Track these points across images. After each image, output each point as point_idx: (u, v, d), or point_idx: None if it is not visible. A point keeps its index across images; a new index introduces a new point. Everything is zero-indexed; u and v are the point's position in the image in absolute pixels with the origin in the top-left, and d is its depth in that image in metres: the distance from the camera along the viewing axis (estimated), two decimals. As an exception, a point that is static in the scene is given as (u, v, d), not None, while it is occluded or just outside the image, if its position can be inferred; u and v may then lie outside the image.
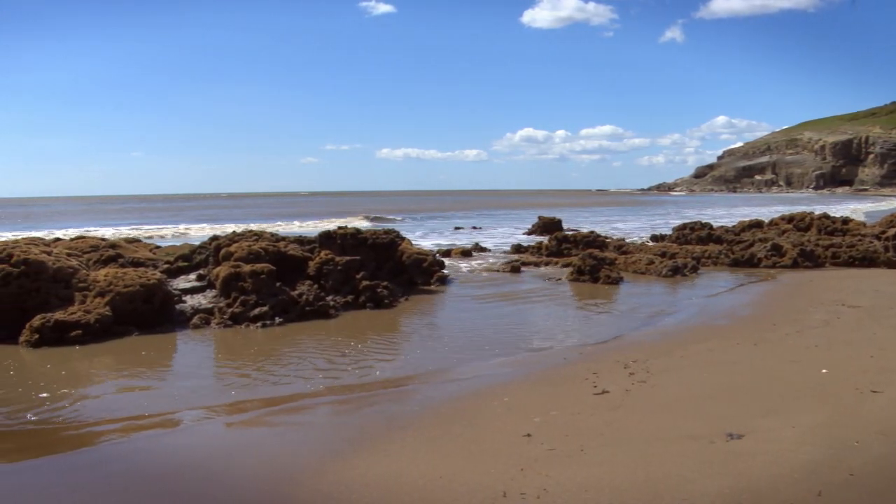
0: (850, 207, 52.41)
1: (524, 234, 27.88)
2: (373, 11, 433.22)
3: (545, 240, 20.90)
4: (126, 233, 28.27)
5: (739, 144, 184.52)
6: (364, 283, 11.88)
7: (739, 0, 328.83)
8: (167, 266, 12.60)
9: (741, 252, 17.38)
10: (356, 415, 6.18)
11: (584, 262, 14.75)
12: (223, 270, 10.88)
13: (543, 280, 15.04)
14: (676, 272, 15.28)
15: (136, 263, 12.08)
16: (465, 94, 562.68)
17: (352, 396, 6.73)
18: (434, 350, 8.72)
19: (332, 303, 11.22)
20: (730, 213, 47.11)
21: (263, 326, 10.01)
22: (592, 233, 20.46)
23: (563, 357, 8.10)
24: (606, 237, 20.68)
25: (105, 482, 4.77)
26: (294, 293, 10.88)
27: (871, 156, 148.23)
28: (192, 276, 12.20)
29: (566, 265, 16.50)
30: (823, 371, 6.98)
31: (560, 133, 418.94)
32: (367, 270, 12.58)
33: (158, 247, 15.55)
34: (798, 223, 21.26)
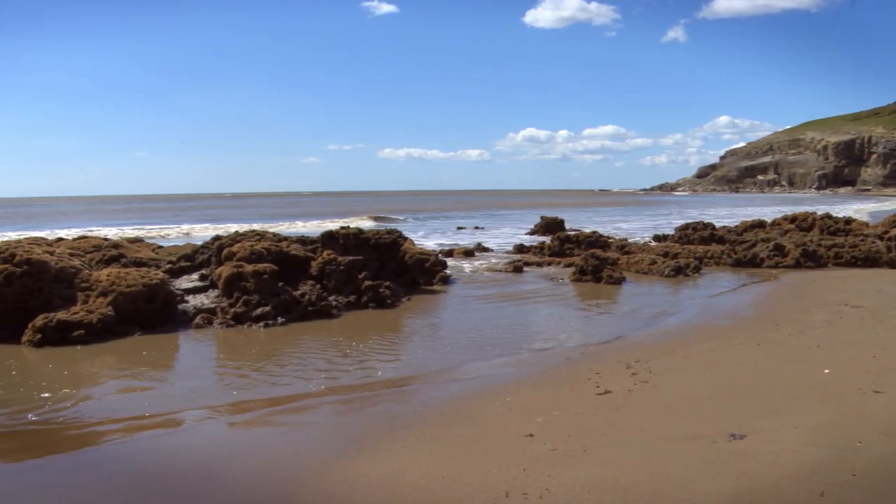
0: (854, 207, 52.34)
1: (527, 234, 27.89)
2: (375, 11, 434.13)
3: (548, 240, 20.90)
4: (128, 233, 28.28)
5: (742, 144, 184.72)
6: (366, 283, 11.88)
7: (742, 0, 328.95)
8: (170, 266, 12.63)
9: (744, 252, 17.35)
10: (359, 415, 6.19)
11: (587, 263, 14.75)
12: (225, 270, 10.89)
13: (546, 280, 15.04)
14: (679, 272, 15.26)
15: (139, 263, 12.09)
16: (468, 94, 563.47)
17: (354, 396, 6.73)
18: (436, 350, 8.72)
19: (335, 303, 11.23)
20: (732, 214, 47.04)
21: (266, 326, 10.02)
22: (595, 233, 20.45)
23: (566, 357, 8.09)
24: (609, 237, 20.66)
25: (107, 482, 4.78)
26: (296, 293, 10.89)
27: (874, 156, 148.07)
28: (195, 276, 12.22)
29: (569, 265, 16.49)
30: (826, 371, 6.97)
31: (562, 133, 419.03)
32: (370, 270, 12.58)
33: (161, 247, 15.59)
34: (801, 223, 21.26)
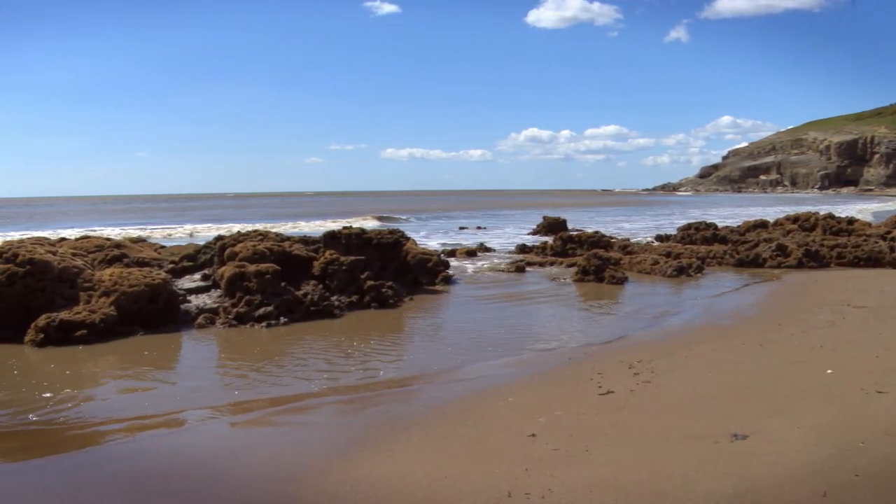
0: (857, 207, 52.26)
1: (529, 234, 27.87)
2: (377, 11, 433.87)
3: (550, 240, 20.87)
4: (131, 233, 28.31)
5: (744, 144, 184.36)
6: (369, 283, 11.89)
7: (744, 0, 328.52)
8: (172, 266, 12.64)
9: (746, 252, 17.33)
10: (361, 415, 6.18)
11: (589, 262, 14.74)
12: (228, 270, 10.90)
13: (548, 280, 15.03)
14: (681, 272, 15.25)
15: (141, 263, 12.11)
16: (470, 94, 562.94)
17: (356, 396, 6.73)
18: (439, 350, 8.72)
19: (337, 303, 11.23)
20: (735, 214, 46.97)
21: (268, 326, 10.03)
22: (597, 233, 20.42)
23: (568, 357, 8.09)
24: (611, 237, 20.64)
25: (109, 482, 4.78)
26: (299, 293, 10.89)
27: (877, 156, 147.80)
28: (197, 276, 12.23)
29: (571, 265, 16.47)
30: (829, 371, 6.96)
31: (565, 133, 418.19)
32: (372, 270, 12.58)
33: (163, 246, 15.60)
34: (803, 223, 21.23)
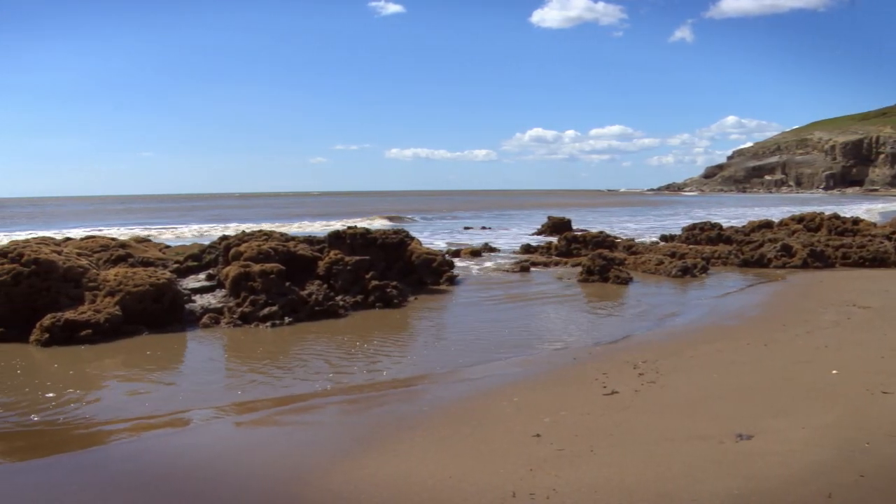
0: (864, 208, 52.07)
1: (534, 235, 27.86)
2: (382, 12, 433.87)
3: (555, 240, 20.89)
4: (136, 232, 28.36)
5: (749, 144, 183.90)
6: (373, 283, 11.90)
7: (749, 0, 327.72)
8: (177, 266, 12.68)
9: (751, 252, 17.29)
10: (365, 415, 6.19)
11: (594, 263, 14.72)
12: (233, 270, 10.92)
13: (553, 280, 15.02)
14: (686, 272, 15.22)
15: (146, 263, 12.15)
16: (475, 94, 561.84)
17: (361, 396, 6.74)
18: (443, 350, 8.72)
19: (342, 302, 11.24)
20: (739, 214, 46.91)
21: (273, 326, 10.04)
22: (602, 233, 20.41)
23: (573, 357, 8.08)
24: (616, 237, 20.63)
25: (114, 481, 4.80)
26: (303, 293, 10.91)
27: (882, 156, 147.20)
28: (202, 276, 12.26)
29: (576, 265, 16.47)
30: (833, 372, 6.94)
31: (569, 133, 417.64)
32: (377, 270, 12.59)
33: (168, 246, 15.65)
34: (808, 223, 21.15)
